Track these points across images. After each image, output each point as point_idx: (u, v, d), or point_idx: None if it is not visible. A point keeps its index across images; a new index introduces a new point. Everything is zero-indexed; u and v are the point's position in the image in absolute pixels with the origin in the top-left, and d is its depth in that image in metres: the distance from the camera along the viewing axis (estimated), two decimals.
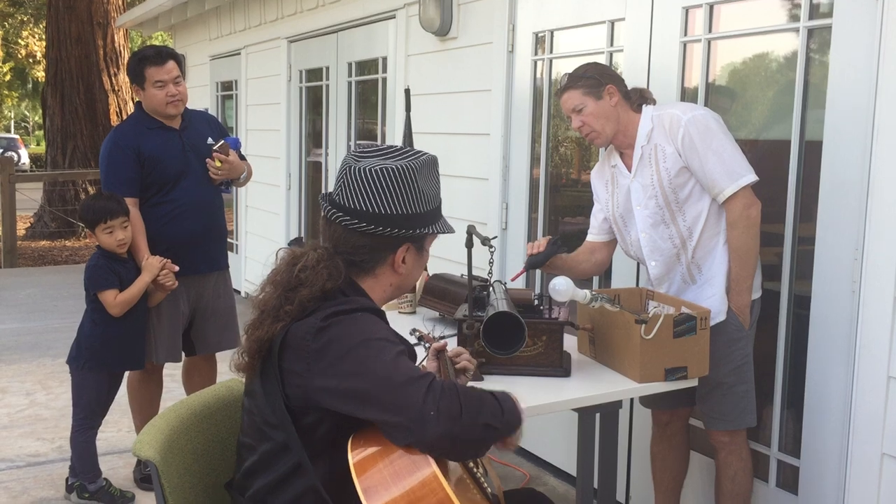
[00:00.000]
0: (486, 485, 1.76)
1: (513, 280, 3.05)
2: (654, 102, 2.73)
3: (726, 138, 2.54)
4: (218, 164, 3.53)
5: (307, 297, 1.65)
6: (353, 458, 1.53)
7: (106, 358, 3.35)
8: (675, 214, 2.61)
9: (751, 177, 2.52)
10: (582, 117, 2.65)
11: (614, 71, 2.79)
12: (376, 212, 1.70)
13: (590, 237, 2.92)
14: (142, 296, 3.35)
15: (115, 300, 3.28)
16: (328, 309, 1.62)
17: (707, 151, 2.51)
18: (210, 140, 3.58)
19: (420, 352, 2.03)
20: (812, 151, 2.68)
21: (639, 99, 2.72)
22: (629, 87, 2.73)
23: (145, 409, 3.63)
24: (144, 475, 3.62)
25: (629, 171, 2.69)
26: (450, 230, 1.81)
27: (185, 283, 3.51)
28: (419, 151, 1.79)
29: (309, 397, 1.59)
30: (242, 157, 3.78)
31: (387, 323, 1.71)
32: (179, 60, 3.55)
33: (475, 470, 1.77)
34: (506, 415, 1.58)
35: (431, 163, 1.78)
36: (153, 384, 3.68)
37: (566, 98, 2.68)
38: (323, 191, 6.18)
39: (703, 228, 2.60)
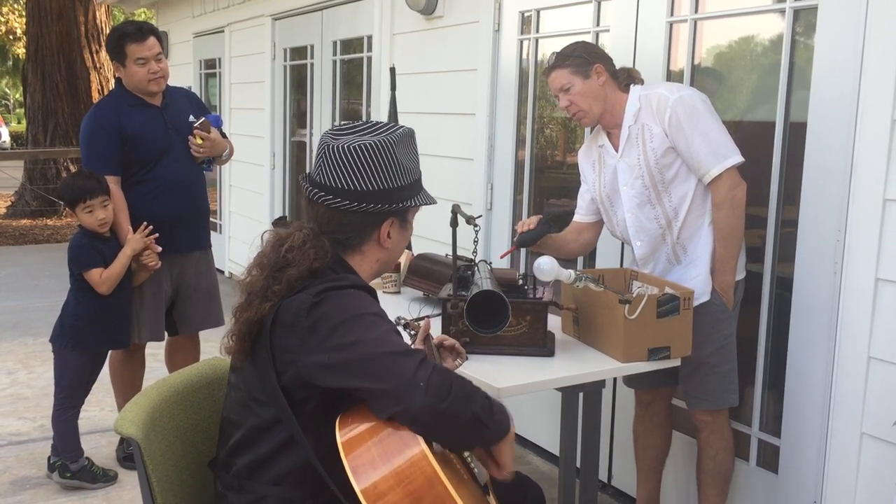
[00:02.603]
0: (473, 466, 1.77)
1: (502, 257, 3.05)
2: (641, 82, 2.72)
3: (713, 119, 2.54)
4: (199, 141, 3.50)
5: (295, 277, 1.64)
6: (341, 437, 1.52)
7: (90, 337, 3.33)
8: (660, 195, 2.62)
9: (737, 158, 2.52)
10: (569, 97, 2.65)
11: (602, 50, 2.77)
12: (358, 188, 1.69)
13: (577, 217, 2.92)
14: (126, 275, 3.34)
15: (101, 278, 3.26)
16: (320, 285, 1.62)
17: (693, 132, 2.51)
18: (192, 118, 3.55)
19: (405, 338, 2.02)
20: (796, 133, 2.68)
21: (626, 79, 2.71)
22: (617, 67, 2.72)
23: (128, 388, 3.61)
24: (127, 454, 3.61)
25: (616, 150, 2.69)
26: (432, 201, 1.81)
27: (167, 261, 3.49)
28: (395, 125, 1.78)
29: (301, 373, 1.58)
30: (224, 135, 3.75)
31: (377, 302, 1.71)
32: (160, 36, 3.51)
33: (463, 452, 1.77)
34: (495, 414, 1.57)
35: (409, 135, 1.78)
36: (135, 363, 3.66)
37: (554, 77, 2.67)
38: (307, 170, 6.14)
39: (688, 209, 2.60)
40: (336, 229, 1.72)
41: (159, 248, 3.40)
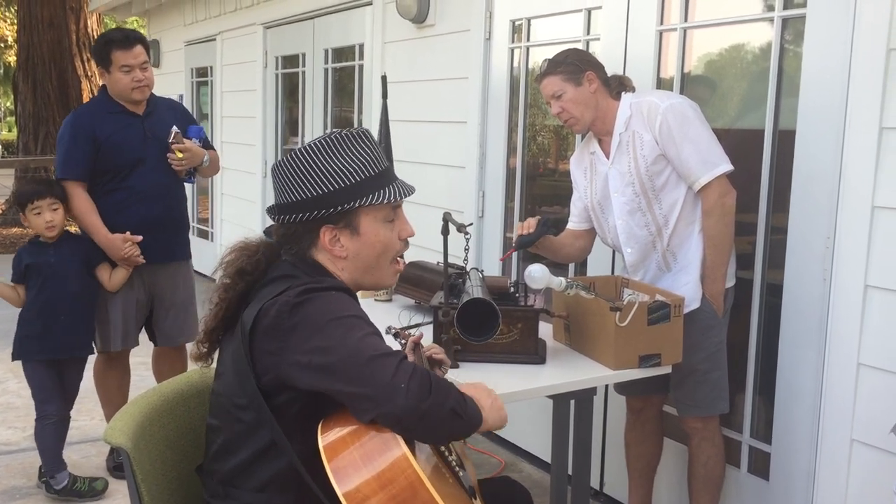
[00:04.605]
0: (459, 471, 1.77)
1: (502, 260, 3.05)
2: (633, 90, 2.74)
3: (703, 127, 2.56)
4: (179, 155, 3.46)
5: (227, 285, 1.72)
6: (322, 441, 1.52)
7: (24, 348, 3.32)
8: (651, 202, 2.63)
9: (726, 166, 2.53)
10: (561, 103, 2.65)
11: (594, 57, 2.78)
12: (282, 202, 1.74)
13: (571, 225, 2.93)
14: (56, 283, 3.29)
15: None
16: (301, 286, 1.62)
17: (683, 140, 2.52)
18: (175, 128, 3.50)
19: (396, 346, 2.02)
20: (785, 141, 2.70)
21: (618, 86, 2.72)
22: (608, 74, 2.74)
23: (112, 396, 3.60)
24: (117, 463, 3.59)
25: (607, 157, 2.70)
26: (381, 199, 1.70)
27: (138, 270, 3.48)
28: (337, 130, 1.78)
29: (281, 376, 1.58)
30: (211, 146, 3.75)
31: (358, 304, 1.71)
32: (147, 45, 3.49)
33: (448, 457, 1.77)
34: (469, 407, 1.58)
35: (346, 137, 1.72)
36: (117, 371, 3.63)
37: (546, 84, 2.68)
38: None
39: (678, 216, 2.61)
40: (282, 241, 1.77)
41: (139, 238, 3.38)
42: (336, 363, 1.52)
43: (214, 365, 1.83)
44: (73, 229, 3.55)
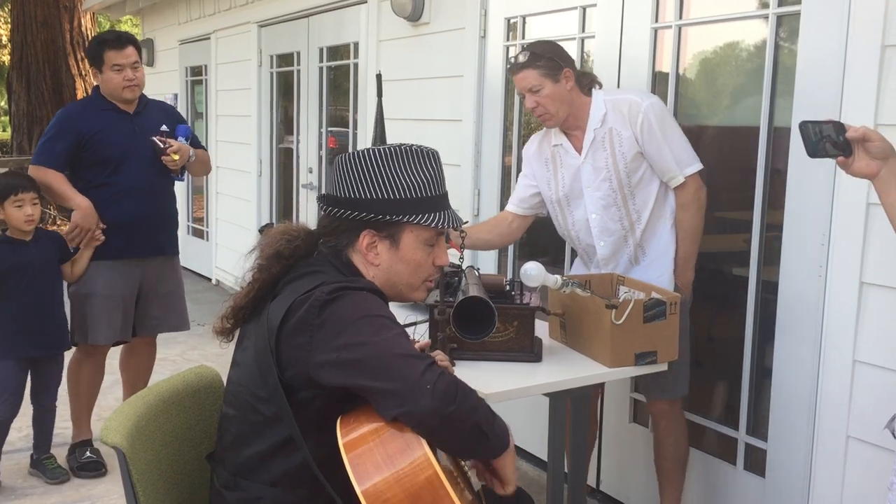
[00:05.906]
0: (470, 475, 1.77)
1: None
2: (600, 86, 2.78)
3: (676, 126, 2.66)
4: (174, 157, 3.52)
5: (262, 266, 1.73)
6: (342, 437, 1.51)
7: (5, 346, 3.31)
8: (626, 197, 2.68)
9: (699, 164, 2.64)
10: (537, 98, 2.67)
11: (567, 52, 2.78)
12: (334, 195, 1.76)
13: (510, 207, 2.95)
14: (39, 283, 3.29)
15: None
16: (334, 284, 1.62)
17: (664, 137, 2.60)
18: (164, 127, 3.58)
19: None
20: (780, 138, 2.70)
21: (589, 82, 2.76)
22: (581, 71, 2.78)
23: (81, 392, 3.62)
24: (81, 463, 3.57)
25: (579, 152, 2.72)
26: (428, 222, 1.73)
27: (126, 265, 3.53)
28: (409, 144, 1.79)
29: (308, 372, 1.58)
30: (200, 146, 3.82)
31: (388, 306, 1.71)
32: (139, 47, 3.60)
33: (462, 463, 1.77)
34: (496, 427, 1.57)
35: (415, 153, 1.75)
36: (91, 368, 3.63)
37: (523, 76, 2.68)
38: (294, 177, 6.17)
39: (651, 211, 2.68)
40: (321, 231, 1.79)
41: (102, 226, 3.43)
42: (364, 359, 1.53)
43: (207, 364, 1.83)
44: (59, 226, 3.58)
